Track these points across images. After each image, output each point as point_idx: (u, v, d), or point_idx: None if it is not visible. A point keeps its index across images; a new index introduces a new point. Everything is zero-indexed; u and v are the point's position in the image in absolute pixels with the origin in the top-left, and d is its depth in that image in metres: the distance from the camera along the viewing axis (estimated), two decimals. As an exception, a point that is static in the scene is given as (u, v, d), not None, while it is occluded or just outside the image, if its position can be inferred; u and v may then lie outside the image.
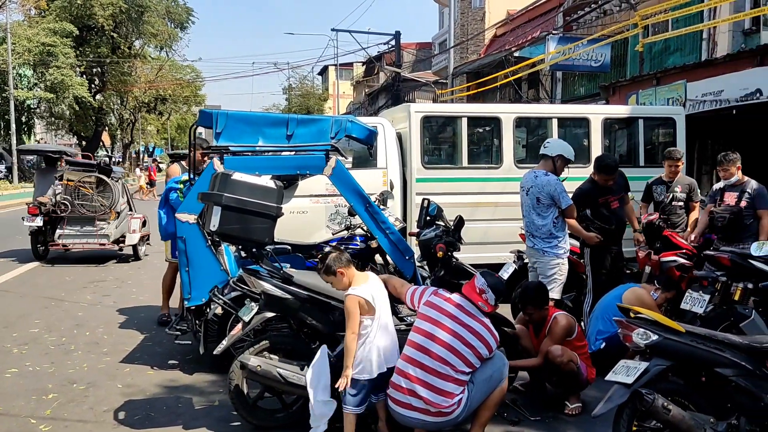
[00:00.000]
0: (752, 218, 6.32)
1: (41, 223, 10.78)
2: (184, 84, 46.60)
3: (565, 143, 6.11)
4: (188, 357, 5.79)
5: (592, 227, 6.10)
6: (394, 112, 9.67)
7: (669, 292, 5.52)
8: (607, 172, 6.23)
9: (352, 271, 4.09)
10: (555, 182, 5.78)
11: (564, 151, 5.91)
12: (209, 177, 4.60)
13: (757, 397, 3.45)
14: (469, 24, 26.33)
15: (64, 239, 10.80)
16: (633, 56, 14.67)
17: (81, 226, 10.93)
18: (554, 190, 5.74)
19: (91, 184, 11.04)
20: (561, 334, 4.72)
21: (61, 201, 10.80)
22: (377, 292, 4.04)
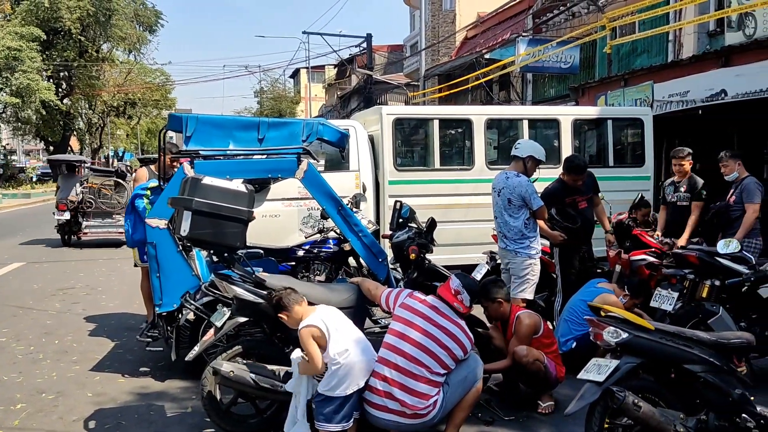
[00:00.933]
0: (741, 213, 6.39)
1: (68, 217, 13.63)
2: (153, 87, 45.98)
3: (535, 144, 6.13)
4: (160, 364, 5.70)
5: (557, 226, 6.17)
6: (366, 114, 9.68)
7: (637, 298, 5.59)
8: (577, 172, 6.31)
9: (300, 303, 3.92)
10: (526, 183, 5.80)
11: (534, 152, 5.93)
12: (179, 181, 4.55)
13: (725, 393, 3.51)
14: (440, 26, 26.47)
15: (90, 229, 13.73)
16: (601, 58, 14.88)
17: (102, 218, 13.77)
18: (525, 192, 5.76)
19: (110, 186, 14.09)
20: (526, 333, 4.75)
21: (86, 199, 13.72)
22: (329, 317, 3.86)
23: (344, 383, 3.77)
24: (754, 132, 10.84)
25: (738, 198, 6.48)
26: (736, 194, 6.52)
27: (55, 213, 13.79)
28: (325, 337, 3.76)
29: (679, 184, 7.17)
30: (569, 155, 6.93)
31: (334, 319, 3.86)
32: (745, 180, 6.52)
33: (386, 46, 35.77)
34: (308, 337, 3.76)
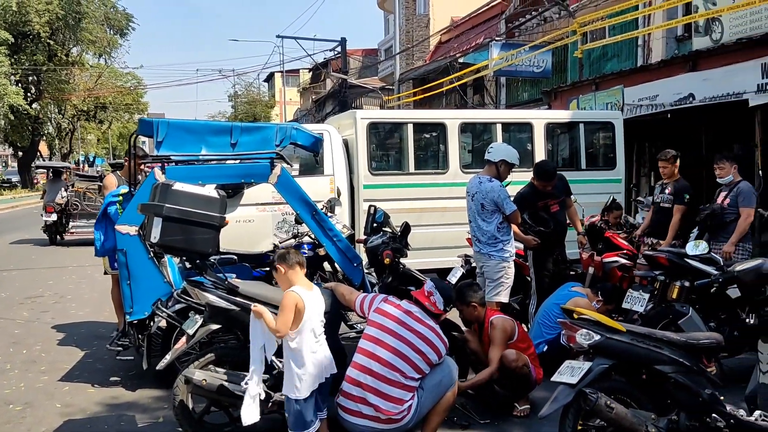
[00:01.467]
0: (735, 216, 6.38)
1: (55, 218, 14.94)
2: (125, 91, 45.41)
3: (508, 148, 6.12)
4: (131, 373, 5.61)
5: (530, 231, 6.21)
6: (341, 118, 9.66)
7: (610, 304, 5.65)
8: (546, 178, 6.35)
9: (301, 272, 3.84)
10: (498, 188, 5.79)
11: (507, 156, 5.92)
12: (150, 187, 4.49)
13: (695, 393, 3.56)
14: (414, 30, 26.57)
15: (76, 229, 14.94)
16: (573, 62, 15.06)
17: (87, 219, 14.64)
18: (497, 197, 5.75)
19: (94, 190, 15.40)
20: (501, 337, 4.75)
21: (72, 202, 15.07)
22: (314, 303, 3.78)
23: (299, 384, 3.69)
24: (721, 135, 11.05)
25: (732, 201, 6.43)
26: (730, 197, 6.48)
27: (43, 215, 15.13)
28: (301, 317, 3.67)
29: (666, 185, 7.25)
30: (538, 161, 6.96)
31: (315, 312, 3.77)
32: (741, 184, 6.50)
33: (361, 50, 35.78)
34: (292, 303, 3.64)
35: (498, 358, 4.68)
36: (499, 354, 4.69)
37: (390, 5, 26.64)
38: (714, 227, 6.53)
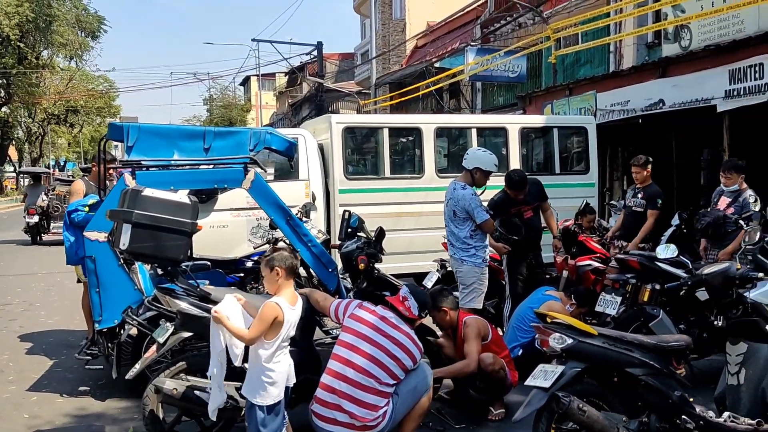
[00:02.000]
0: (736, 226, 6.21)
1: (37, 219, 16.33)
2: (96, 95, 44.81)
3: (484, 154, 6.00)
4: (101, 382, 5.51)
5: (501, 238, 6.23)
6: (316, 123, 9.63)
7: (583, 307, 5.70)
8: (516, 188, 6.37)
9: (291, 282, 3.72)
10: (470, 197, 5.73)
11: (481, 164, 5.84)
12: (119, 193, 4.42)
13: (665, 395, 3.60)
14: (391, 35, 26.62)
15: (57, 229, 15.77)
16: (547, 68, 15.20)
17: None
18: (469, 205, 5.70)
19: None
20: (475, 333, 4.77)
21: (53, 204, 16.44)
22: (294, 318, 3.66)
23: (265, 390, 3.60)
24: (690, 140, 11.25)
25: (737, 211, 6.33)
26: (735, 207, 6.38)
27: (25, 216, 16.45)
28: (278, 331, 3.54)
29: (638, 190, 7.32)
30: (509, 171, 6.96)
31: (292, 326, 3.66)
32: (747, 193, 6.41)
33: (337, 54, 35.75)
34: (272, 316, 3.49)
35: (474, 352, 4.68)
36: (474, 348, 4.69)
37: (366, 9, 26.71)
38: (716, 237, 6.42)
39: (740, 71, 8.44)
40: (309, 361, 4.28)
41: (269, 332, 3.52)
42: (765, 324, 3.91)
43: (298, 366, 4.20)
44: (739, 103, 8.48)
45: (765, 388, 3.80)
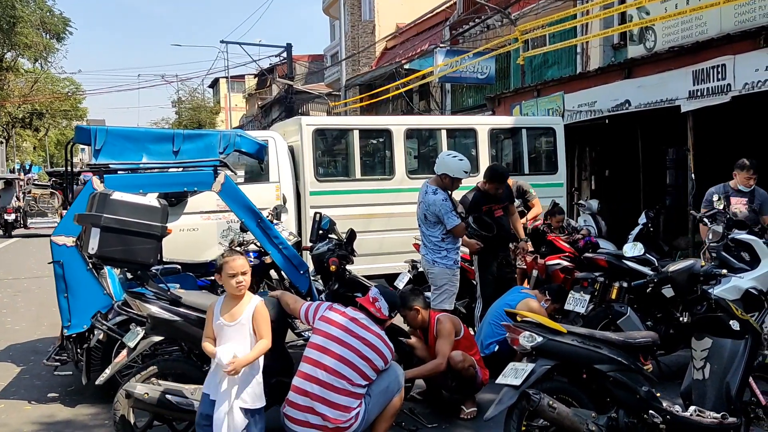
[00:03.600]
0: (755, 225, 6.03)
1: (14, 217, 20.84)
2: (62, 97, 43.93)
3: (453, 160, 5.93)
4: (70, 389, 5.42)
5: (474, 235, 6.27)
6: (286, 125, 9.60)
7: (558, 303, 5.78)
8: (499, 180, 6.40)
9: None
10: (441, 203, 5.74)
11: (449, 170, 5.81)
12: (87, 197, 4.37)
13: (632, 390, 3.67)
14: (360, 36, 26.62)
15: (33, 225, 21.48)
16: (515, 69, 15.37)
17: (42, 217, 21.86)
18: (439, 211, 5.72)
19: (47, 195, 23.36)
20: (449, 330, 4.81)
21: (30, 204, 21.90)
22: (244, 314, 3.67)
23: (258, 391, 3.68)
24: (656, 140, 11.47)
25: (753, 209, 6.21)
26: (756, 205, 6.23)
27: (4, 215, 20.32)
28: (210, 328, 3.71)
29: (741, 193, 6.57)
30: (492, 164, 7.01)
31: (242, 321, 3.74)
32: (762, 192, 6.30)
33: (307, 55, 35.62)
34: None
35: (445, 350, 4.71)
36: (446, 347, 4.73)
37: (335, 11, 26.66)
38: None
39: (703, 72, 8.63)
40: (281, 364, 4.26)
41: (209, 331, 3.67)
42: (728, 320, 4.01)
43: (270, 369, 4.20)
44: (702, 104, 8.68)
45: (729, 382, 3.90)
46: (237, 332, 3.64)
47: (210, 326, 3.69)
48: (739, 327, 3.98)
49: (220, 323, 3.64)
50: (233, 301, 3.69)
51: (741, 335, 3.97)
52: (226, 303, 3.70)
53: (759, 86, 7.85)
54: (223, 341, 3.63)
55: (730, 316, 4.01)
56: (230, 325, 3.63)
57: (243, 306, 3.68)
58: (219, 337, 3.66)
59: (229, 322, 3.64)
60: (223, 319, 3.64)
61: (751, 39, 8.03)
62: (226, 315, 3.65)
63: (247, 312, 3.67)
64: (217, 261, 3.71)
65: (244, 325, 3.64)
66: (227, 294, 3.73)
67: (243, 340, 3.63)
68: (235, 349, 3.58)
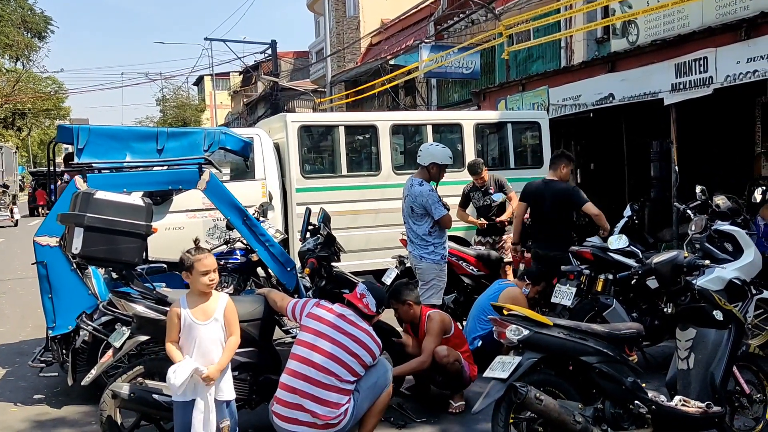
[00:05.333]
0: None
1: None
2: (44, 97, 43.50)
3: (437, 148, 5.99)
4: (56, 390, 5.38)
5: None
6: (271, 122, 9.56)
7: (538, 285, 5.81)
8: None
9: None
10: (428, 193, 5.75)
11: (436, 158, 5.84)
12: (70, 197, 4.33)
13: (618, 382, 3.71)
14: (345, 33, 26.58)
15: None
16: (500, 64, 15.42)
17: None
18: (426, 201, 5.72)
19: None
20: (438, 328, 4.83)
21: None
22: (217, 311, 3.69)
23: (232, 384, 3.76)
24: (640, 133, 11.56)
25: None
26: None
27: None
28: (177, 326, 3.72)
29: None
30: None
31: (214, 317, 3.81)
32: None
33: (292, 52, 35.48)
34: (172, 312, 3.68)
35: (430, 348, 4.73)
36: (432, 344, 4.75)
37: (320, 7, 26.57)
38: None
39: (685, 65, 8.70)
40: (269, 361, 4.27)
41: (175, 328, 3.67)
42: (712, 310, 4.05)
43: (258, 366, 4.21)
44: (685, 96, 8.76)
45: (713, 372, 3.95)
46: (210, 330, 3.64)
47: (175, 329, 3.65)
48: (723, 317, 4.03)
49: (190, 323, 3.63)
50: (201, 298, 3.68)
51: (725, 325, 4.02)
52: (192, 301, 3.67)
53: (740, 78, 7.93)
54: (190, 341, 3.62)
55: (714, 307, 4.06)
56: (203, 324, 3.63)
57: (213, 303, 3.70)
58: (187, 337, 3.63)
59: (203, 321, 3.63)
60: (195, 318, 3.63)
61: (732, 32, 8.10)
62: (196, 314, 3.64)
63: (219, 309, 3.69)
64: (185, 259, 3.66)
65: (217, 322, 3.67)
66: (192, 293, 3.71)
67: (215, 338, 3.65)
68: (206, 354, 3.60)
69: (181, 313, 3.64)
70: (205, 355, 3.61)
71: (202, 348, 3.62)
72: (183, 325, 3.63)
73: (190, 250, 3.71)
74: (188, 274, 3.66)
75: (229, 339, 3.70)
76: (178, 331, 3.65)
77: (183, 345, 3.64)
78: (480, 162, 7.72)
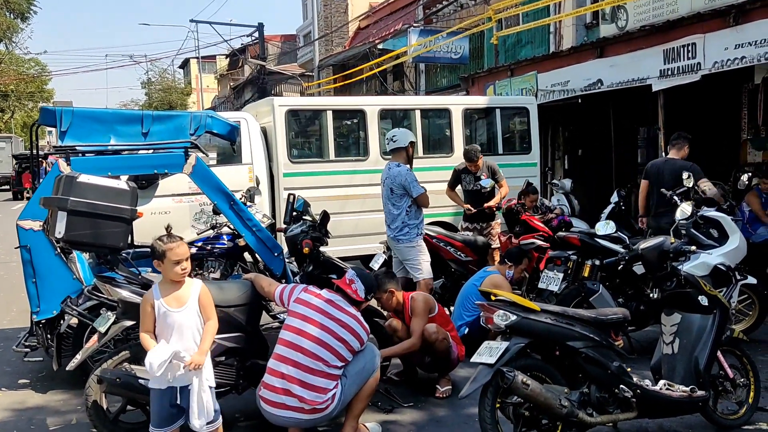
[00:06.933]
0: None
1: None
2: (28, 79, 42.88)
3: (405, 129, 6.60)
4: (41, 375, 5.35)
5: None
6: (258, 106, 9.48)
7: (519, 263, 5.84)
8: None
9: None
10: (406, 172, 6.00)
11: (411, 137, 6.25)
12: (53, 180, 4.27)
13: (604, 366, 3.73)
14: (333, 16, 26.34)
15: None
16: (489, 49, 15.33)
17: None
18: (405, 180, 5.94)
19: None
20: (423, 308, 4.85)
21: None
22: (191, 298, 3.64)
23: None
24: (628, 119, 11.58)
25: None
26: None
27: None
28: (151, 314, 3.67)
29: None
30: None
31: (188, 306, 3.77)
32: None
33: (279, 35, 35.15)
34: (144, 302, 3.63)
35: (419, 328, 4.75)
36: (420, 325, 4.77)
37: (308, -10, 26.32)
38: None
39: (674, 51, 8.70)
40: (256, 347, 4.25)
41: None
42: (697, 295, 4.09)
43: (246, 351, 4.19)
44: (673, 83, 8.76)
45: (698, 356, 3.99)
46: (186, 317, 3.60)
47: (149, 318, 3.59)
48: (708, 302, 4.07)
49: (165, 311, 3.57)
50: (173, 286, 3.62)
51: (709, 310, 4.06)
52: (165, 290, 3.61)
53: (728, 65, 7.94)
54: (167, 329, 3.57)
55: (699, 292, 4.09)
56: (178, 311, 3.58)
57: (187, 290, 3.65)
58: (163, 326, 3.58)
59: (177, 308, 3.59)
60: (168, 306, 3.58)
61: (721, 17, 8.09)
62: (170, 302, 3.59)
63: (193, 295, 3.64)
64: (156, 247, 3.57)
65: (192, 309, 3.62)
66: (164, 281, 3.64)
67: (192, 324, 3.61)
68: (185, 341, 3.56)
69: (154, 303, 3.58)
70: (185, 341, 3.58)
71: (180, 334, 3.58)
72: (158, 315, 3.57)
73: (162, 238, 3.62)
74: (159, 262, 3.59)
75: (207, 323, 3.66)
76: (153, 321, 3.58)
77: (160, 333, 3.59)
78: (476, 149, 7.72)
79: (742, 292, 5.71)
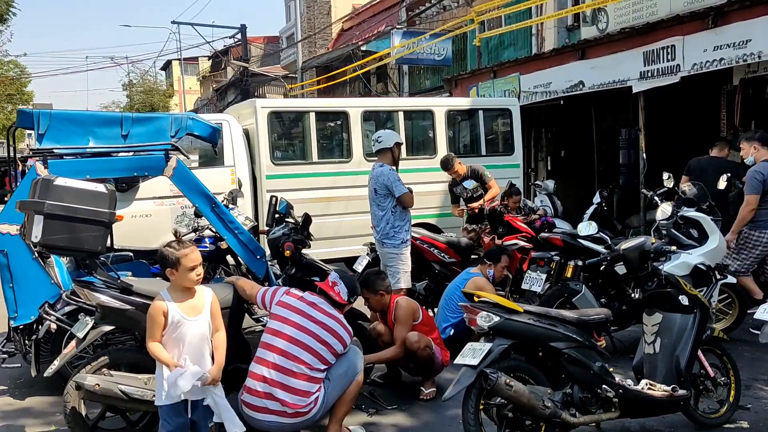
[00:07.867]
0: None
1: None
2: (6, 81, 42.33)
3: (390, 131, 6.63)
4: (19, 381, 5.28)
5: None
6: (240, 108, 9.43)
7: (499, 262, 5.84)
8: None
9: None
10: (389, 172, 5.97)
11: (397, 137, 6.24)
12: (30, 183, 4.20)
13: (586, 366, 3.74)
14: (316, 18, 26.28)
15: None
16: (472, 50, 15.38)
17: None
18: (388, 180, 5.91)
19: None
20: (406, 316, 4.83)
21: None
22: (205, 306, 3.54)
23: None
24: (609, 120, 11.68)
25: None
26: None
27: None
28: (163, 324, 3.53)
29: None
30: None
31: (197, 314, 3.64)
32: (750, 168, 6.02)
33: (262, 37, 35.00)
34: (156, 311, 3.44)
35: (403, 337, 4.73)
36: (403, 333, 4.75)
37: (290, -8, 26.24)
38: None
39: (654, 53, 8.78)
40: (238, 350, 4.21)
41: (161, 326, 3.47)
42: (678, 295, 4.11)
43: (228, 355, 4.14)
44: (653, 84, 8.84)
45: (679, 355, 4.02)
46: (198, 326, 3.47)
47: (159, 328, 3.41)
48: (688, 302, 4.10)
49: (179, 319, 3.42)
50: (186, 294, 3.48)
51: (690, 310, 4.09)
52: (176, 297, 3.46)
53: (707, 66, 8.03)
54: (178, 339, 3.43)
55: (680, 292, 4.12)
56: (193, 319, 3.46)
57: (200, 298, 3.53)
58: (174, 334, 3.42)
59: (193, 316, 3.46)
60: (185, 315, 3.44)
61: (700, 19, 8.18)
62: (185, 310, 3.45)
63: (207, 303, 3.54)
64: (169, 255, 3.41)
65: (206, 318, 3.51)
66: (174, 288, 3.49)
67: (202, 333, 3.50)
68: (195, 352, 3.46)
69: (167, 311, 3.41)
70: (195, 353, 3.44)
71: (191, 345, 3.43)
72: (171, 323, 3.40)
73: (173, 245, 3.46)
74: (173, 270, 3.42)
75: (216, 335, 3.53)
76: (162, 330, 3.42)
77: (167, 343, 3.42)
78: (451, 156, 7.78)
79: (722, 291, 5.76)
